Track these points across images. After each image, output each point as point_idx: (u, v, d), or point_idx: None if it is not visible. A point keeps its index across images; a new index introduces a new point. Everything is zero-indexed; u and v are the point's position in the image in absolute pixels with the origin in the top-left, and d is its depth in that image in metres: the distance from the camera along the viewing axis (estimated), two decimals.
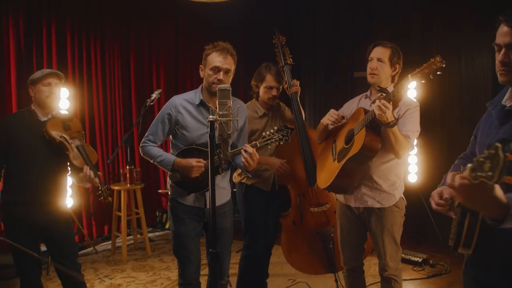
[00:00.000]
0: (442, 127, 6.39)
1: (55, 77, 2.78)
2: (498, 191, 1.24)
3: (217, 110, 1.92)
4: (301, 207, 3.31)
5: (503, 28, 1.49)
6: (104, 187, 2.73)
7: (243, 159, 2.38)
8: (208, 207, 2.57)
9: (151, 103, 3.69)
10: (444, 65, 2.24)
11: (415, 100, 2.74)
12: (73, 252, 2.96)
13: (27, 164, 2.70)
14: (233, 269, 3.48)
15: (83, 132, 2.92)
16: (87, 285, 3.50)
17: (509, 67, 1.51)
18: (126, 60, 5.62)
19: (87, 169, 2.71)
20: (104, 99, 5.38)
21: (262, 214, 3.29)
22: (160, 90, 4.29)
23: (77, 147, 2.74)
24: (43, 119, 2.77)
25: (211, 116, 1.85)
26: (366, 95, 2.86)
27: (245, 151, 2.36)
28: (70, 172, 2.89)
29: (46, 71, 2.78)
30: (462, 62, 6.55)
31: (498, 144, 1.15)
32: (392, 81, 2.73)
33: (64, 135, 2.72)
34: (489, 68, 6.37)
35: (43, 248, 3.21)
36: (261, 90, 3.24)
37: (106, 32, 5.35)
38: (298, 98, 3.36)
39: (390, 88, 2.65)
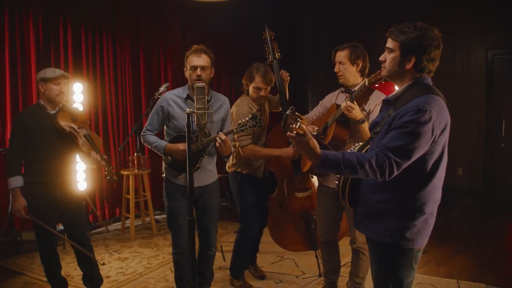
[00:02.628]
0: None
1: (64, 78, 3.18)
2: (312, 143, 1.86)
3: (195, 104, 2.33)
4: (287, 192, 3.69)
5: (388, 38, 2.03)
6: (109, 168, 3.15)
7: (217, 145, 2.79)
8: (196, 185, 3.01)
9: (159, 96, 4.11)
10: None
11: (383, 94, 3.03)
12: (83, 225, 3.42)
13: (42, 152, 3.14)
14: (230, 246, 3.87)
15: (88, 122, 3.34)
16: (98, 258, 4.00)
17: (384, 64, 2.06)
18: (136, 55, 6.03)
19: (94, 154, 3.15)
20: (116, 92, 5.80)
21: (256, 201, 3.63)
22: (168, 83, 4.74)
23: (84, 135, 3.16)
24: (52, 112, 3.20)
25: (188, 109, 2.26)
26: (342, 90, 3.23)
27: (219, 138, 2.77)
28: (80, 156, 3.35)
29: (58, 72, 3.15)
30: (457, 57, 6.81)
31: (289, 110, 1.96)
32: (362, 75, 3.05)
33: (72, 126, 3.15)
34: (482, 63, 6.63)
35: (60, 227, 3.69)
36: (250, 89, 3.50)
37: (118, 30, 5.76)
38: (286, 90, 3.68)
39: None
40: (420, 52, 1.93)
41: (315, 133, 3.01)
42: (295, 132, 1.84)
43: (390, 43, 2.00)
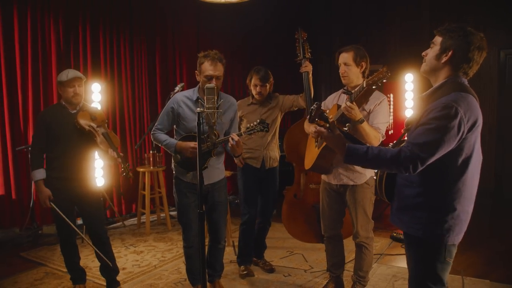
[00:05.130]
0: None
1: (77, 80, 3.32)
2: (340, 137, 2.11)
3: (205, 103, 2.47)
4: (303, 184, 3.85)
5: (435, 35, 2.12)
6: (125, 165, 3.33)
7: (229, 146, 2.95)
8: (205, 183, 3.15)
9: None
10: (389, 75, 2.61)
11: (383, 94, 3.15)
12: (101, 219, 3.59)
13: (63, 149, 3.33)
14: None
15: (107, 121, 3.50)
16: (115, 251, 4.17)
17: (424, 58, 2.13)
18: (152, 56, 6.20)
19: (111, 151, 3.32)
20: (133, 91, 5.98)
21: (253, 188, 3.85)
22: (183, 83, 4.89)
23: (103, 134, 3.33)
24: (73, 111, 3.37)
25: (199, 109, 2.40)
26: (343, 91, 3.31)
27: (232, 139, 2.92)
28: (98, 154, 3.52)
29: (70, 75, 3.29)
30: None
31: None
32: (363, 76, 3.15)
33: (92, 124, 3.32)
34: (495, 63, 6.63)
35: (80, 221, 3.88)
36: (251, 88, 3.86)
37: (134, 31, 5.94)
38: (310, 79, 3.80)
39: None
40: (458, 48, 1.99)
41: (346, 129, 3.11)
42: (326, 124, 2.06)
43: (435, 39, 2.09)
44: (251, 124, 3.04)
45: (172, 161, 3.27)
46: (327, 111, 2.17)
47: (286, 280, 3.82)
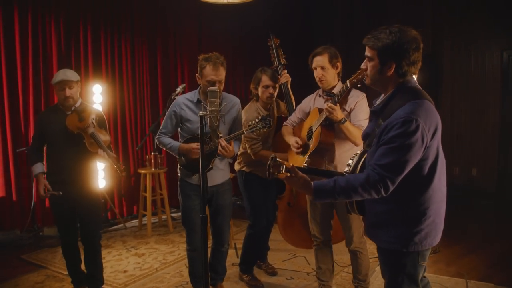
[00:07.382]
0: (452, 118, 6.69)
1: (67, 83, 3.22)
2: (303, 180, 1.98)
3: (207, 107, 2.45)
4: (294, 191, 3.80)
5: (366, 46, 2.00)
6: (118, 164, 3.31)
7: (218, 151, 2.92)
8: (210, 185, 3.13)
9: (176, 96, 4.23)
10: None
11: (361, 92, 3.08)
12: (96, 223, 3.51)
13: (58, 150, 3.32)
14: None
15: (96, 118, 3.37)
16: (116, 253, 4.16)
17: (366, 72, 2.04)
18: (154, 57, 6.18)
19: (101, 152, 3.29)
20: (134, 93, 5.96)
21: (262, 197, 3.76)
22: (184, 84, 4.87)
23: (91, 134, 3.25)
24: (67, 113, 3.32)
25: (201, 112, 2.37)
26: (319, 94, 3.27)
27: (220, 144, 2.89)
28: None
29: (58, 78, 3.22)
30: (472, 57, 6.80)
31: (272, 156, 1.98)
32: (338, 76, 3.13)
33: (79, 126, 3.24)
34: (497, 63, 6.60)
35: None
36: (260, 91, 3.62)
37: (136, 32, 5.91)
38: (289, 88, 3.76)
39: (339, 85, 3.08)
40: (399, 58, 1.89)
41: (305, 164, 3.04)
42: (286, 174, 1.97)
43: (368, 52, 1.98)
44: (253, 122, 2.96)
45: (178, 164, 3.25)
46: (285, 162, 2.05)
47: (289, 283, 3.80)
